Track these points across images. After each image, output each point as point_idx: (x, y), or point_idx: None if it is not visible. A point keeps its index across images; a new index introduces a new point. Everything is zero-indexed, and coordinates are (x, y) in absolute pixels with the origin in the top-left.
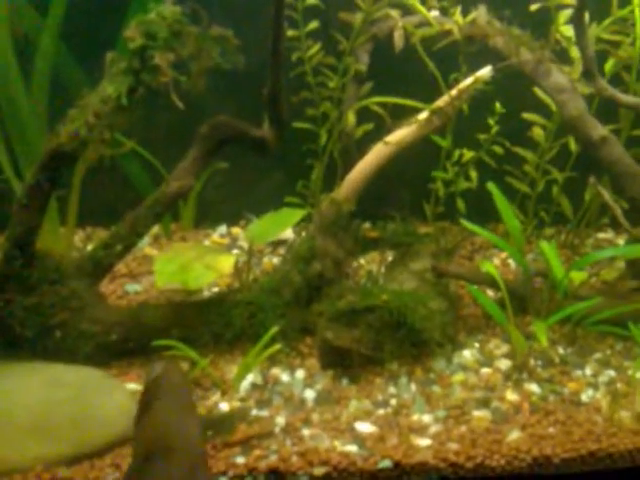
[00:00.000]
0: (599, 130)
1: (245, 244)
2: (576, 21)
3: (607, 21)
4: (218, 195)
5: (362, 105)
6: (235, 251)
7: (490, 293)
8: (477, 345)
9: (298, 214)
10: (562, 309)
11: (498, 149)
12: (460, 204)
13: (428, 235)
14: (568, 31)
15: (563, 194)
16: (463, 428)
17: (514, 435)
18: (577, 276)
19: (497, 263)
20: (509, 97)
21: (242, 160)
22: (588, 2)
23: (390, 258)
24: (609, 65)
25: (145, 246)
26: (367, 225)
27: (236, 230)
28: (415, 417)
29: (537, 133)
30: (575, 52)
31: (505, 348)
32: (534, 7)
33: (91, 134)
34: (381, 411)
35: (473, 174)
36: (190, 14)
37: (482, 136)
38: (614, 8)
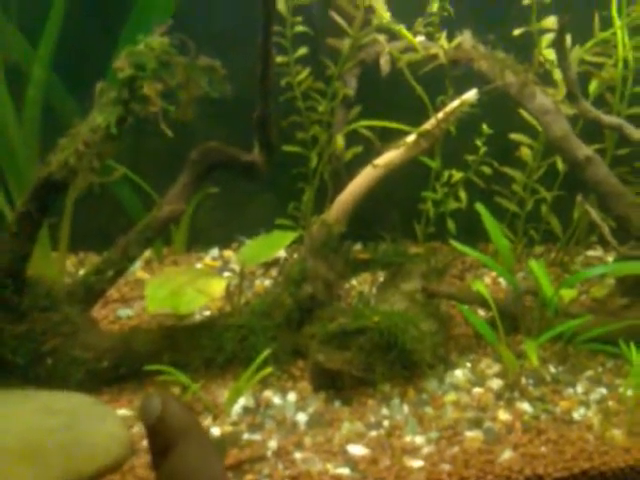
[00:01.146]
0: (584, 150)
1: (237, 267)
2: (557, 45)
3: (590, 43)
4: (210, 218)
5: (351, 129)
6: (227, 274)
7: (481, 312)
8: (469, 365)
9: (289, 236)
10: (552, 327)
11: (487, 169)
12: (450, 224)
13: (418, 255)
14: (550, 54)
15: (552, 213)
16: (456, 449)
17: (506, 455)
18: (567, 294)
19: (488, 282)
20: (497, 118)
21: (234, 184)
22: (570, 25)
23: (381, 279)
24: (593, 86)
25: (137, 270)
26: (358, 247)
27: (228, 253)
28: (407, 438)
29: (525, 153)
30: (558, 74)
31: (497, 367)
32: (517, 32)
33: (81, 163)
34: (373, 433)
35: (462, 194)
36: (178, 45)
37: (470, 157)
38: (596, 30)
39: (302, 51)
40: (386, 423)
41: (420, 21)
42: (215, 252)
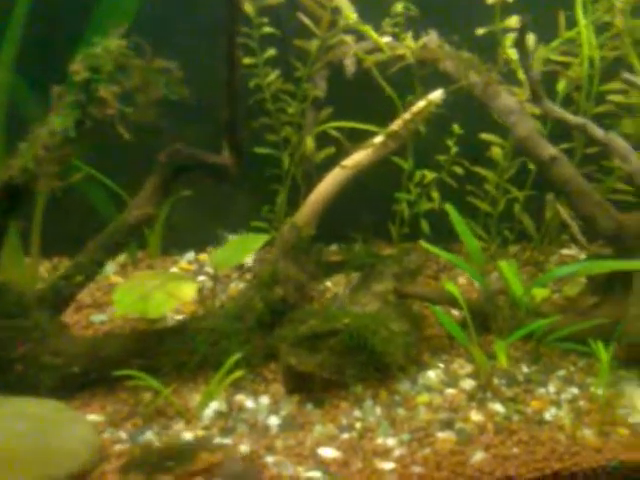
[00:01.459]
0: (549, 150)
1: (213, 270)
2: (518, 44)
3: (555, 42)
4: (186, 222)
5: (322, 130)
6: (202, 277)
7: (456, 312)
8: (442, 365)
9: (261, 239)
10: (523, 327)
11: (459, 169)
12: (424, 225)
13: (391, 256)
14: (514, 54)
15: (525, 212)
16: (427, 450)
17: (478, 456)
18: (539, 293)
19: (463, 282)
20: (469, 118)
21: (209, 186)
22: (536, 24)
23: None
24: (561, 85)
25: (111, 275)
26: (334, 248)
27: (204, 256)
28: (379, 440)
29: (496, 152)
30: (523, 74)
31: (469, 368)
32: (480, 31)
33: (40, 167)
34: (345, 435)
35: (435, 194)
36: (135, 47)
37: (443, 157)
38: (562, 29)
39: (271, 52)
40: (358, 425)
41: (387, 21)
42: (191, 255)
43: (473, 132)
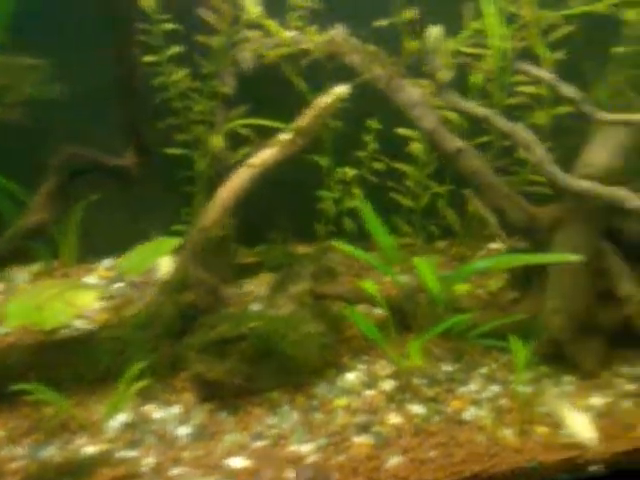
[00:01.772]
0: (455, 142)
1: (133, 277)
2: (417, 36)
3: (464, 34)
4: (103, 227)
5: (236, 128)
6: (120, 284)
7: (380, 311)
8: (362, 367)
9: (170, 243)
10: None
11: (379, 165)
12: (348, 223)
13: (308, 256)
14: (413, 45)
15: (450, 207)
16: (343, 456)
17: (395, 460)
18: (460, 288)
19: (389, 279)
20: (388, 113)
21: (127, 190)
22: (445, 16)
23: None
24: (476, 78)
25: (21, 284)
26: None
27: None
28: (294, 447)
29: (415, 147)
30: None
31: (390, 369)
32: (383, 23)
33: None
34: (258, 443)
35: (357, 191)
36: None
37: (363, 153)
38: (467, 21)
39: (174, 50)
40: (273, 432)
41: (292, 15)
42: (108, 262)
43: (391, 127)
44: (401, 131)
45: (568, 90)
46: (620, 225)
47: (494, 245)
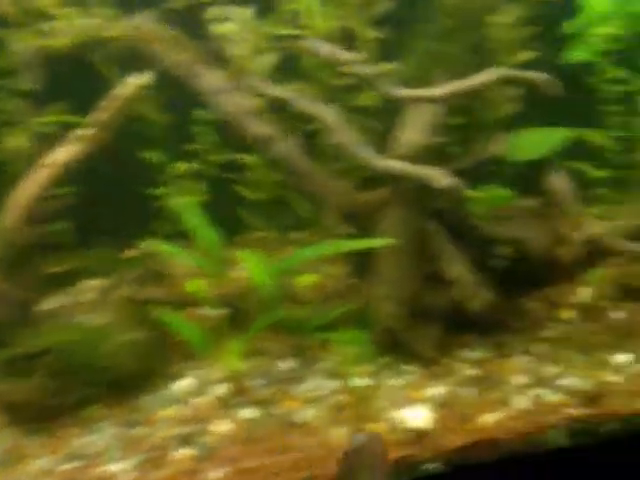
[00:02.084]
0: (263, 128)
1: None
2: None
3: (274, 16)
4: None
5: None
6: None
7: (214, 311)
8: (195, 373)
9: None
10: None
11: (220, 158)
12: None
13: (135, 259)
14: (220, 29)
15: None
16: (162, 473)
17: (219, 473)
18: (305, 279)
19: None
20: None
21: None
22: None
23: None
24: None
25: None
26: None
27: None
28: (108, 467)
29: None
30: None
31: (224, 372)
32: (179, 3)
33: None
34: (67, 466)
35: (198, 186)
36: None
37: (199, 146)
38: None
39: None
40: (88, 451)
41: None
42: None
43: None
44: None
45: (362, 68)
46: (441, 206)
47: None
